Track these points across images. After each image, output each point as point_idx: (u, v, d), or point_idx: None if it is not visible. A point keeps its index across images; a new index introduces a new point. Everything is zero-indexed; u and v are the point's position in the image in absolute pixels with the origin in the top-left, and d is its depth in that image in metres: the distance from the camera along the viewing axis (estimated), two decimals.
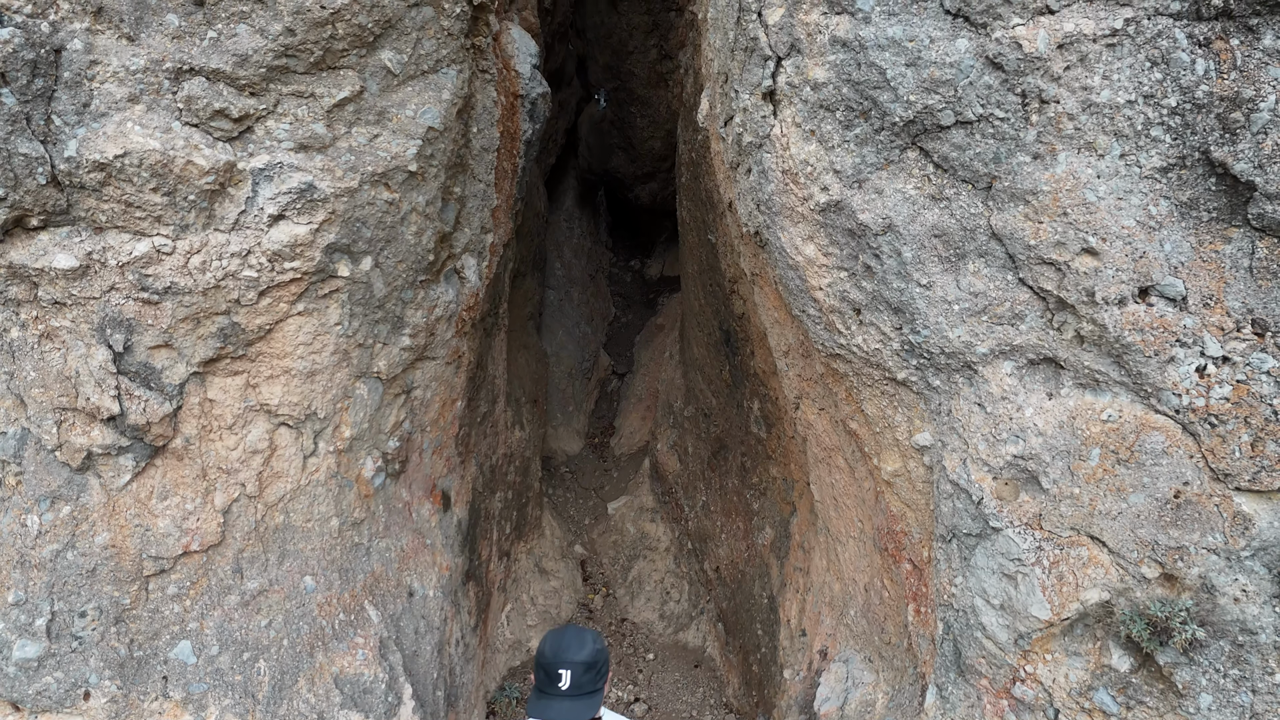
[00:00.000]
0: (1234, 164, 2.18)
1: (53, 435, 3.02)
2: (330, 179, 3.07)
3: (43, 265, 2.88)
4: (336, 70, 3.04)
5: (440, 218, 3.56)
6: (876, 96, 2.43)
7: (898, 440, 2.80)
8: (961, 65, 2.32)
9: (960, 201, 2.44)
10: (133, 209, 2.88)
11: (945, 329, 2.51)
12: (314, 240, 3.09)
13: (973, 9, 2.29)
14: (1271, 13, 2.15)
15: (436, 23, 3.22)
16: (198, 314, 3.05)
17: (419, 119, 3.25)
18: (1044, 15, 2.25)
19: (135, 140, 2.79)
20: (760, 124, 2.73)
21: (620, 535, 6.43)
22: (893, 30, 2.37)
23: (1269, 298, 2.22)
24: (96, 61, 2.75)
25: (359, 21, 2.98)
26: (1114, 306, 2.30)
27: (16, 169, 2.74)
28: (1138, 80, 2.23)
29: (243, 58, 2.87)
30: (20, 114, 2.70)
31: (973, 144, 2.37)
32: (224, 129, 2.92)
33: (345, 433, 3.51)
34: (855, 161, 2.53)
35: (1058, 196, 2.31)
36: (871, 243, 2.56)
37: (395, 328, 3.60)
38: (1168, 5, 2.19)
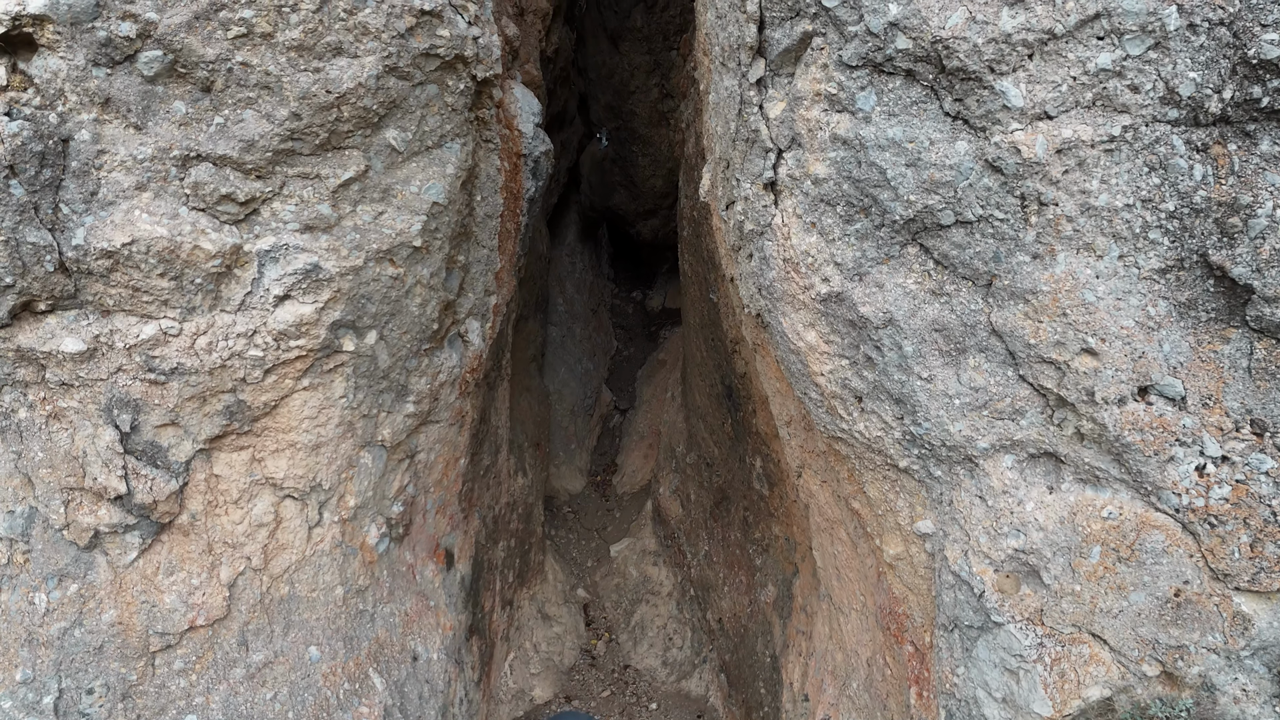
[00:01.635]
0: (1232, 267, 2.20)
1: (60, 515, 3.04)
2: (335, 258, 3.10)
3: (50, 349, 2.90)
4: (342, 150, 3.07)
5: (444, 287, 3.59)
6: (877, 195, 2.45)
7: (899, 525, 2.82)
8: (961, 167, 2.34)
9: (960, 298, 2.46)
10: (140, 293, 2.90)
11: (946, 422, 2.53)
12: (319, 319, 3.12)
13: (972, 113, 2.31)
14: (1268, 119, 2.18)
15: (440, 99, 3.25)
16: (204, 393, 3.07)
17: (424, 195, 3.27)
18: (1042, 121, 2.27)
19: (143, 228, 2.82)
20: (762, 213, 2.76)
21: (623, 578, 6.44)
22: (893, 131, 2.40)
23: (1267, 399, 2.24)
24: (104, 151, 2.78)
25: (364, 104, 3.01)
26: (1114, 406, 2.32)
27: (25, 257, 2.76)
28: (1136, 185, 2.25)
29: (249, 143, 2.90)
30: (29, 203, 2.73)
31: (973, 243, 2.39)
32: (230, 212, 2.95)
33: (350, 502, 3.54)
34: (856, 255, 2.55)
35: (1057, 297, 2.34)
36: (873, 335, 2.58)
37: (399, 396, 3.62)
38: (1166, 113, 2.21)
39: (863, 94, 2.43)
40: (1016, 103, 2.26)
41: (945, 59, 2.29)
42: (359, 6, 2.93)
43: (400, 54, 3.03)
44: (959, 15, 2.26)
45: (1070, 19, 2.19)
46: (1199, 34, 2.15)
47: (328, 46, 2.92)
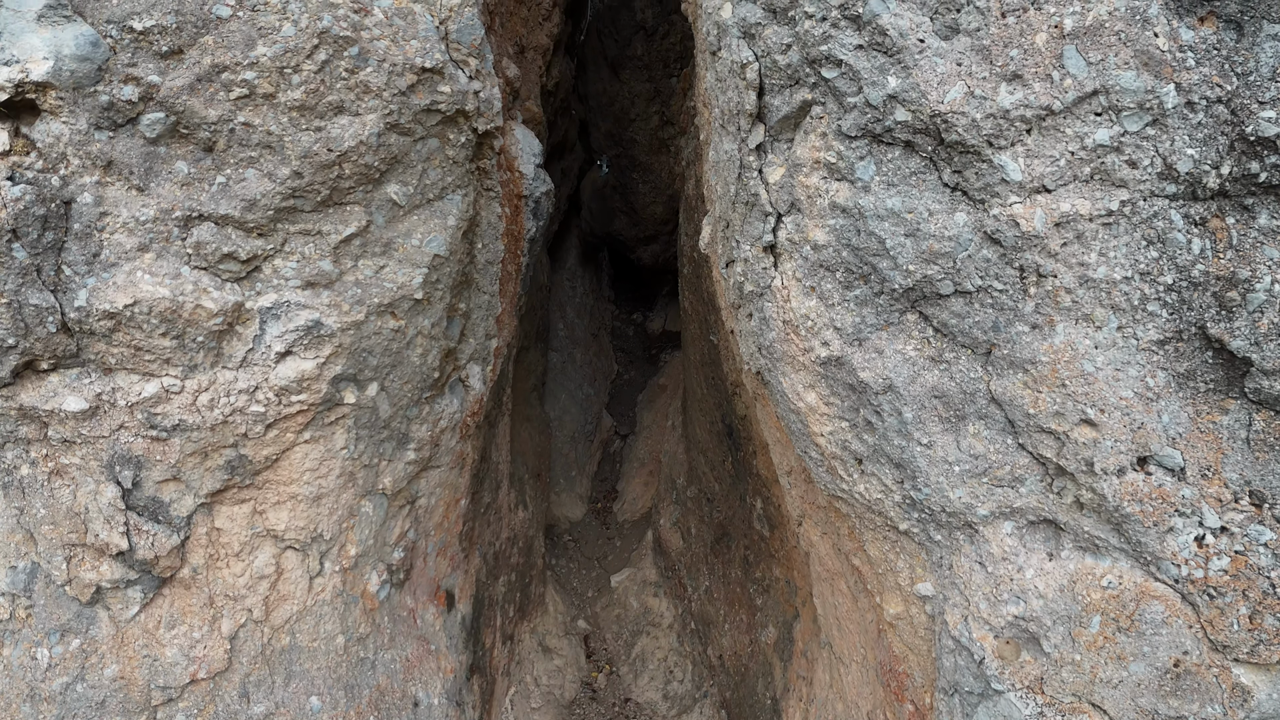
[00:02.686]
0: (1230, 340, 2.21)
1: (62, 571, 3.05)
2: (337, 314, 3.11)
3: (52, 407, 2.91)
4: (343, 206, 3.08)
5: (445, 335, 3.60)
6: (876, 263, 2.46)
7: (900, 585, 2.83)
8: (960, 239, 2.35)
9: (960, 365, 2.47)
10: (142, 352, 2.91)
11: (946, 489, 2.53)
12: (321, 373, 3.13)
13: (971, 185, 2.32)
14: (1266, 193, 2.19)
15: (442, 152, 3.26)
16: (206, 448, 3.08)
17: (425, 248, 3.29)
18: (1041, 194, 2.28)
19: (145, 289, 2.83)
20: (761, 275, 2.77)
21: (623, 609, 6.44)
22: (892, 201, 2.41)
23: (1266, 470, 2.24)
24: (106, 213, 2.79)
25: (366, 161, 3.02)
26: (1113, 476, 2.33)
27: (27, 318, 2.77)
28: (1134, 258, 2.26)
29: (251, 202, 2.91)
30: (31, 266, 2.74)
31: (972, 312, 2.40)
32: (232, 270, 2.96)
33: (351, 551, 3.54)
34: (855, 321, 2.56)
35: (1056, 367, 2.34)
36: (872, 400, 2.59)
37: (400, 444, 3.63)
38: (1164, 188, 2.22)
39: (862, 163, 2.44)
40: (1015, 176, 2.27)
41: (944, 132, 2.30)
42: (360, 66, 2.94)
43: (402, 111, 3.05)
44: (957, 90, 2.27)
45: (1068, 95, 2.20)
46: (1197, 111, 2.16)
47: (329, 105, 2.93)
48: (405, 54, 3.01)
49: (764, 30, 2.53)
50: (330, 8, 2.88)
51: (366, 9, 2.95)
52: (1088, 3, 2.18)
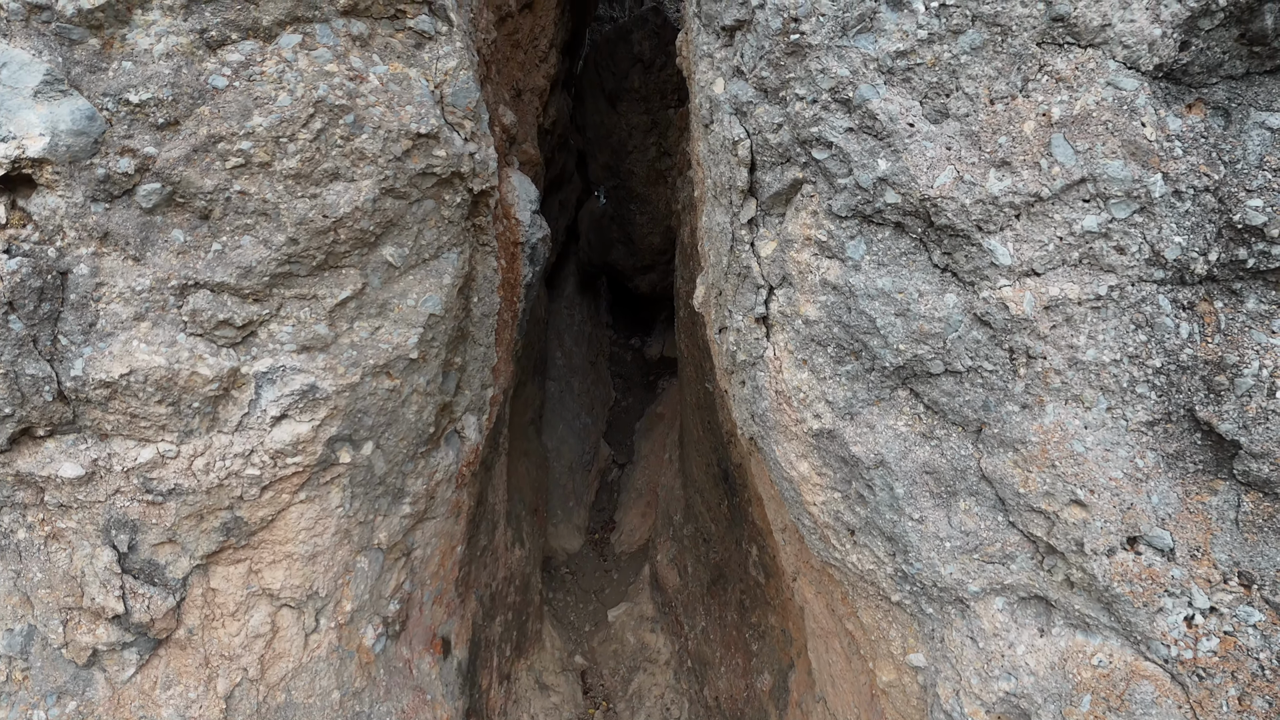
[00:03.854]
0: (1219, 424, 2.22)
1: (59, 634, 3.06)
2: (332, 377, 3.12)
3: (49, 473, 2.92)
4: (339, 269, 3.10)
5: (441, 390, 3.61)
6: (867, 341, 2.48)
7: (892, 653, 2.83)
8: (950, 320, 2.36)
9: (951, 442, 2.48)
10: (138, 419, 2.93)
11: (937, 564, 2.55)
12: (316, 435, 3.14)
13: (960, 267, 2.34)
14: (1254, 278, 2.21)
15: (437, 213, 3.28)
16: (201, 511, 3.09)
17: (420, 307, 3.30)
18: (1030, 277, 2.30)
19: (141, 358, 2.84)
20: (754, 345, 2.78)
21: (620, 644, 6.43)
22: (882, 281, 2.42)
23: (1255, 551, 2.26)
24: (102, 283, 2.81)
25: (361, 226, 3.04)
26: (1103, 556, 2.34)
27: (24, 388, 2.79)
28: (1123, 341, 2.28)
29: (247, 269, 2.92)
30: (27, 337, 2.76)
31: (962, 391, 2.42)
32: (228, 336, 2.97)
33: (346, 606, 3.55)
34: (847, 395, 2.57)
35: (1046, 447, 2.36)
36: (864, 474, 2.60)
37: (396, 498, 3.64)
38: (1152, 273, 2.24)
39: (852, 243, 2.46)
40: (1004, 261, 2.29)
41: (934, 216, 2.31)
42: (355, 133, 2.96)
43: (397, 176, 3.07)
44: (947, 175, 2.29)
45: (1056, 183, 2.22)
46: (1184, 200, 2.18)
47: (325, 173, 2.95)
48: (401, 120, 3.03)
49: (755, 109, 2.54)
50: (326, 76, 2.90)
51: (362, 76, 2.97)
52: (1075, 92, 2.20)
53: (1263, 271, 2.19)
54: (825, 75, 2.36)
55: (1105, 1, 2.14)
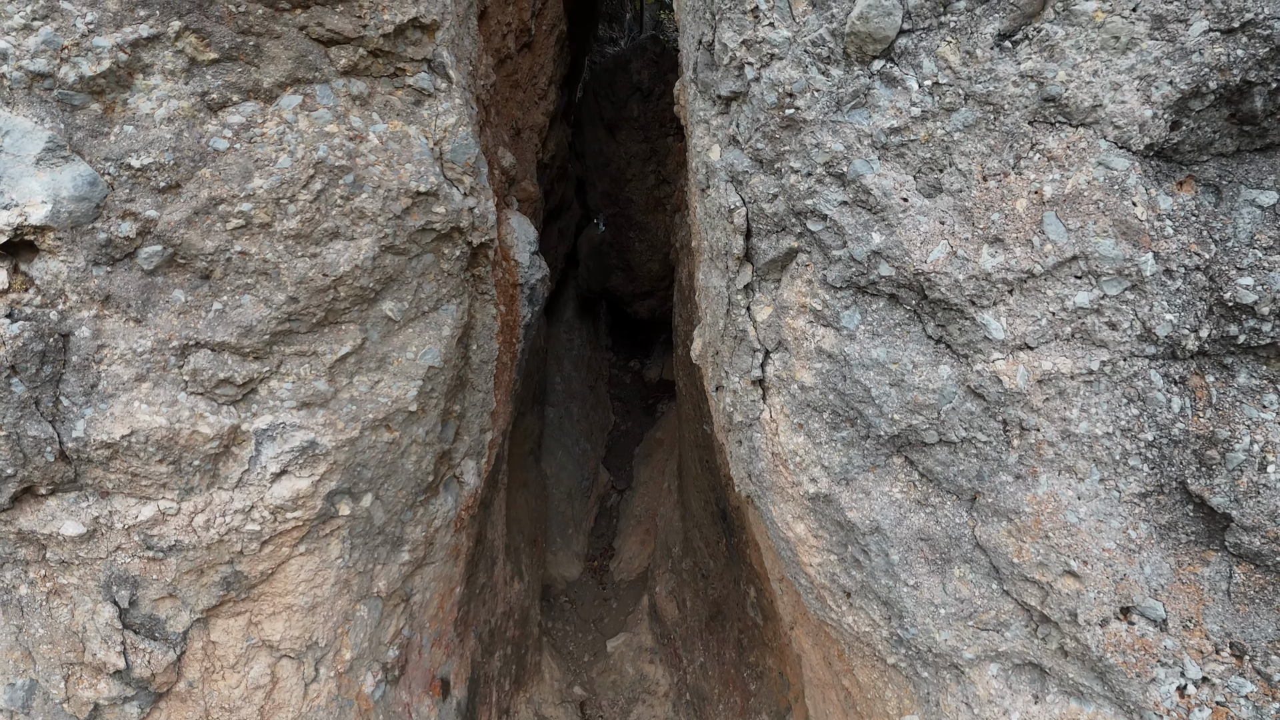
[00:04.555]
0: (1210, 497, 2.24)
1: (60, 689, 3.07)
2: (332, 433, 3.14)
3: (51, 531, 2.94)
4: (338, 325, 3.12)
5: (440, 439, 3.63)
6: (862, 409, 2.50)
7: (888, 713, 2.85)
8: (944, 391, 2.38)
9: (945, 510, 2.50)
10: (139, 478, 2.94)
11: (932, 630, 2.56)
12: (316, 490, 3.16)
13: (954, 339, 2.36)
14: (1245, 353, 2.23)
15: (437, 266, 3.30)
16: (201, 566, 3.11)
17: (420, 360, 3.32)
18: (1023, 351, 2.32)
19: (142, 418, 2.86)
20: (750, 407, 2.80)
21: (619, 675, 6.44)
22: (877, 352, 2.44)
23: (1246, 622, 2.27)
24: (104, 345, 2.83)
25: (361, 283, 3.06)
26: (1096, 627, 2.36)
27: (26, 449, 2.81)
28: (1115, 415, 2.29)
29: (247, 328, 2.95)
30: (30, 399, 2.78)
31: (956, 461, 2.44)
32: (228, 394, 2.99)
33: (346, 655, 3.56)
34: (843, 461, 2.59)
35: (1039, 518, 2.37)
36: (860, 539, 2.62)
37: (395, 547, 3.66)
38: (1143, 349, 2.25)
39: (847, 312, 2.48)
40: (998, 335, 2.31)
41: (927, 290, 2.34)
42: (355, 192, 2.98)
43: (397, 233, 3.09)
44: (940, 250, 2.31)
45: (1049, 260, 2.24)
46: (1175, 278, 2.20)
47: (325, 232, 2.97)
48: (400, 178, 3.05)
49: (751, 178, 2.57)
50: (326, 137, 2.93)
51: (362, 135, 3.00)
52: (1067, 171, 2.22)
53: (1254, 347, 2.21)
54: (820, 149, 2.39)
55: (1096, 83, 2.16)
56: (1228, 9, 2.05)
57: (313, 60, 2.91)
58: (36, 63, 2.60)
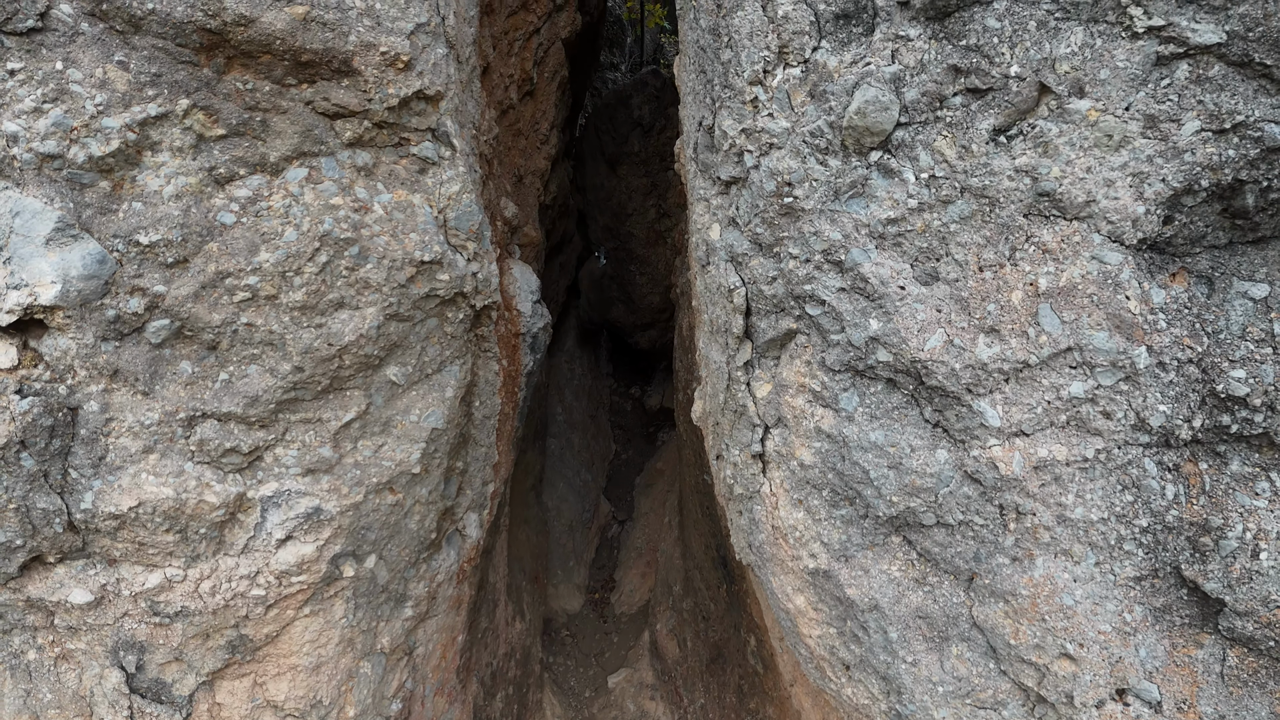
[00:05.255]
0: (1204, 583, 2.27)
1: None
2: (336, 498, 3.18)
3: (59, 599, 2.97)
4: (343, 391, 3.15)
5: (443, 497, 3.67)
6: (861, 490, 2.53)
7: None
8: (942, 476, 2.42)
9: (943, 590, 2.53)
10: (146, 547, 2.98)
11: (930, 707, 2.59)
12: (320, 555, 3.19)
13: (951, 425, 2.40)
14: (1238, 441, 2.26)
15: (440, 330, 3.34)
16: (207, 630, 3.14)
17: (423, 422, 3.36)
18: (1019, 438, 2.35)
19: (149, 490, 2.90)
20: (751, 480, 2.84)
21: (621, 712, 6.46)
22: (875, 435, 2.48)
23: (1240, 705, 2.30)
24: (112, 419, 2.86)
25: (366, 351, 3.10)
26: (1092, 708, 2.39)
27: (35, 520, 2.84)
28: (1110, 501, 2.33)
29: (254, 398, 2.98)
30: (39, 472, 2.81)
31: (954, 543, 2.47)
32: (234, 463, 3.03)
33: (350, 712, 3.59)
34: (842, 538, 2.62)
35: (1036, 601, 2.41)
36: (859, 616, 2.65)
37: (398, 603, 3.69)
38: (1138, 437, 2.29)
39: (845, 395, 2.52)
40: (994, 422, 2.34)
41: (925, 376, 2.37)
42: (360, 263, 3.02)
43: (401, 301, 3.13)
44: (937, 339, 2.35)
45: (1044, 351, 2.28)
46: (1168, 371, 2.23)
47: (330, 303, 3.01)
48: (405, 248, 3.09)
49: (750, 260, 2.61)
50: (331, 210, 2.97)
51: (366, 206, 3.04)
52: (1061, 264, 2.26)
53: (1246, 436, 2.25)
54: (818, 237, 2.43)
55: (1089, 179, 2.20)
56: (1219, 111, 2.09)
57: (318, 134, 2.95)
58: (46, 144, 2.64)
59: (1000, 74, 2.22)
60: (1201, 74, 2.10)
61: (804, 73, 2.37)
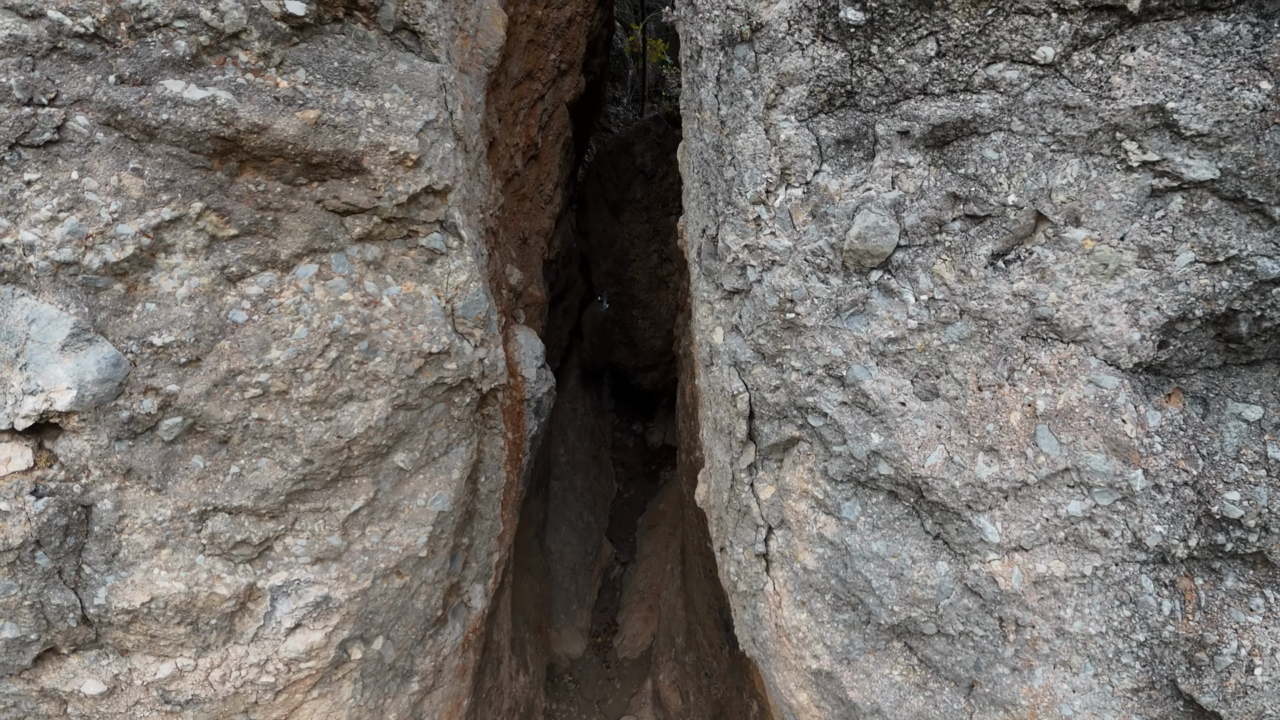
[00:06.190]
0: (1200, 696, 2.31)
1: None
2: (345, 585, 3.22)
3: (72, 689, 3.01)
4: (351, 480, 3.20)
5: (449, 575, 3.71)
6: (863, 598, 2.57)
7: None
8: (942, 588, 2.46)
9: (944, 696, 2.57)
10: (158, 639, 3.02)
11: None
12: (329, 641, 3.23)
13: (952, 538, 2.44)
14: (1233, 559, 2.31)
15: (447, 415, 3.39)
16: (217, 717, 3.18)
17: (430, 506, 3.40)
18: (1018, 553, 2.39)
19: (161, 585, 2.94)
20: (755, 578, 2.88)
21: None
22: (877, 545, 2.52)
23: None
24: (125, 516, 2.91)
25: (374, 442, 3.14)
26: None
27: (50, 615, 2.88)
28: (1108, 615, 2.37)
29: (264, 491, 3.03)
30: (53, 569, 2.86)
31: (954, 651, 2.51)
32: (245, 554, 3.07)
33: None
34: (844, 642, 2.66)
35: (1035, 711, 2.44)
36: (861, 718, 2.69)
37: (405, 679, 3.72)
38: (1134, 555, 2.33)
39: (848, 504, 2.56)
40: (993, 538, 2.39)
41: (925, 491, 2.42)
42: (369, 357, 3.07)
43: (409, 392, 3.18)
44: (937, 455, 2.39)
45: (1041, 471, 2.32)
46: (1164, 493, 2.28)
47: (340, 396, 3.06)
48: (413, 340, 3.14)
49: (753, 368, 2.65)
50: (341, 306, 3.02)
51: (376, 300, 3.09)
52: (1058, 386, 2.31)
53: (1240, 554, 2.29)
54: (820, 352, 2.47)
55: (1086, 305, 2.25)
56: (1213, 244, 2.14)
57: (329, 231, 3.01)
58: (62, 252, 2.69)
59: (998, 202, 2.27)
60: (1195, 207, 2.15)
61: (805, 193, 2.42)
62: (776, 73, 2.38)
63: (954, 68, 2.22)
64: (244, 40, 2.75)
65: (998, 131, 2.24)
